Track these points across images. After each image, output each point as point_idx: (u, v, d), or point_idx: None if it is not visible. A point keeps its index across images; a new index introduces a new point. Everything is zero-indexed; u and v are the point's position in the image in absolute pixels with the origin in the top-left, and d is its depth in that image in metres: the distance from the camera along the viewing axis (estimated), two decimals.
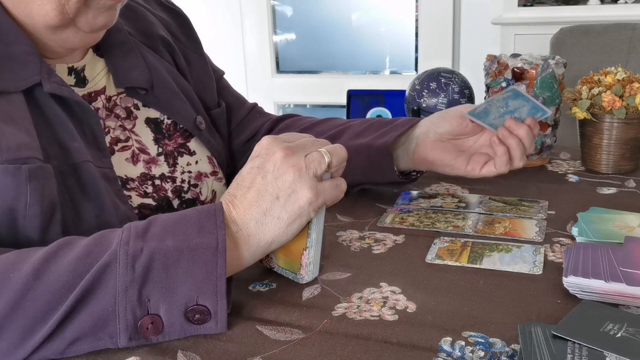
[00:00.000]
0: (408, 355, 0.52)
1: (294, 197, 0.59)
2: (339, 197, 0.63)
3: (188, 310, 0.54)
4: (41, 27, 0.65)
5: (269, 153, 0.60)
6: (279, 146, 0.59)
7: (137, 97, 0.77)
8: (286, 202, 0.59)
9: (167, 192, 0.75)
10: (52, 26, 0.65)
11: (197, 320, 0.55)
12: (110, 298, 0.52)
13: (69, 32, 0.67)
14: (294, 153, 0.59)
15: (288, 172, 0.58)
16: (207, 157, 0.83)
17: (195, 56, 0.89)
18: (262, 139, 0.61)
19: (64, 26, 0.66)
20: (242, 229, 0.59)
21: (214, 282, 0.55)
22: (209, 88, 0.90)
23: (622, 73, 1.00)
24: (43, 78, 0.64)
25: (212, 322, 0.55)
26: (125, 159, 0.74)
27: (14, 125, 0.60)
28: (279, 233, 0.59)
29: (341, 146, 0.63)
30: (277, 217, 0.59)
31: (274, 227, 0.59)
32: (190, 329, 0.55)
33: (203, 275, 0.54)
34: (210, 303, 0.55)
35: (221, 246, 0.55)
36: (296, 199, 0.59)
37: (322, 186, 0.60)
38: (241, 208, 0.59)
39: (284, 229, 0.59)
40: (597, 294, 0.59)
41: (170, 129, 0.79)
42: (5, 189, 0.58)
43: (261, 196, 0.59)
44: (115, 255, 0.53)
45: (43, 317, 0.52)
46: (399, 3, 3.03)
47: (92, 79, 0.74)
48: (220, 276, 0.55)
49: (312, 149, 0.60)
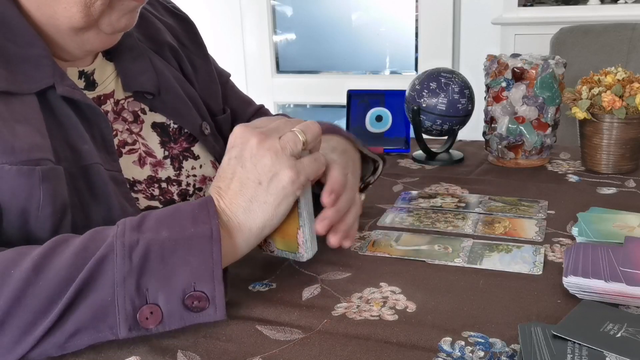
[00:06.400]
0: (408, 355, 0.52)
1: (276, 179, 0.59)
2: (320, 170, 0.63)
3: (186, 297, 0.55)
4: (65, 28, 0.65)
5: (244, 141, 0.61)
6: (252, 133, 0.61)
7: (144, 101, 0.77)
8: (269, 185, 0.60)
9: (173, 195, 0.76)
10: (76, 28, 0.65)
11: (195, 307, 0.55)
12: (109, 289, 0.53)
13: (90, 34, 0.67)
14: (268, 137, 0.60)
15: (265, 156, 0.59)
16: (211, 162, 0.83)
17: (200, 62, 0.90)
18: (234, 129, 0.62)
19: (87, 28, 0.66)
20: (232, 218, 0.60)
21: (210, 268, 0.55)
22: (214, 94, 0.90)
23: (622, 73, 1.00)
24: (56, 81, 0.65)
25: (211, 308, 0.55)
26: (133, 161, 0.74)
27: (27, 126, 0.61)
28: (269, 217, 0.60)
29: (314, 122, 0.64)
30: (264, 202, 0.60)
31: (262, 212, 0.60)
32: (190, 317, 0.55)
33: (199, 262, 0.55)
34: (207, 289, 0.55)
35: (215, 234, 0.56)
36: (278, 180, 0.59)
37: (301, 164, 0.61)
38: (227, 199, 0.60)
39: (272, 212, 0.60)
40: (597, 294, 0.59)
41: (176, 133, 0.80)
42: (19, 190, 0.58)
43: (244, 185, 0.60)
44: (111, 247, 0.54)
45: (43, 312, 0.52)
46: (399, 3, 3.02)
47: (101, 83, 0.75)
48: (217, 263, 0.56)
49: (285, 130, 0.61)
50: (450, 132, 1.12)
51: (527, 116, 1.05)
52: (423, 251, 0.73)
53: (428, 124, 1.09)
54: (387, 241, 0.76)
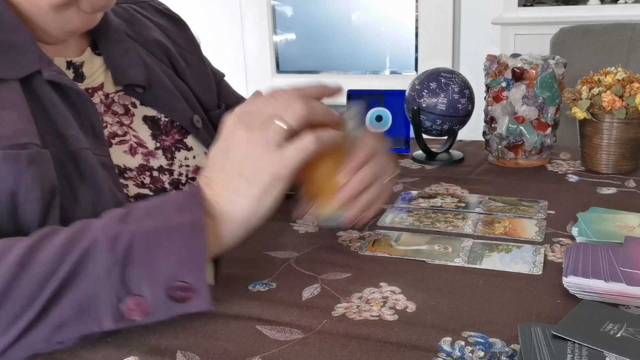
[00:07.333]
0: (408, 355, 0.52)
1: (258, 173, 0.60)
2: (304, 158, 0.62)
3: (170, 287, 0.55)
4: (45, 6, 0.66)
5: (230, 136, 0.62)
6: (239, 125, 0.61)
7: (135, 95, 0.78)
8: (252, 179, 0.60)
9: (164, 184, 0.76)
10: (57, 5, 0.66)
11: (180, 298, 0.55)
12: (93, 281, 0.53)
13: (71, 13, 0.68)
14: (253, 130, 0.61)
15: (249, 149, 0.60)
16: (205, 153, 0.83)
17: (194, 58, 0.90)
18: (226, 119, 0.63)
19: (67, 5, 0.67)
20: (217, 208, 0.60)
21: (194, 257, 0.56)
22: (208, 90, 0.91)
23: (622, 73, 1.00)
24: (43, 66, 0.65)
25: (197, 299, 0.55)
26: (124, 151, 0.74)
27: (12, 112, 0.61)
28: (253, 209, 0.61)
29: (302, 105, 0.62)
30: (247, 195, 0.60)
31: (247, 205, 0.60)
32: (176, 307, 0.55)
33: (183, 251, 0.55)
34: (191, 278, 0.55)
35: (200, 222, 0.56)
36: (260, 175, 0.60)
37: (283, 157, 0.60)
38: (215, 189, 0.61)
39: (256, 205, 0.61)
40: (597, 294, 0.59)
41: (167, 126, 0.80)
42: (6, 174, 0.58)
43: (228, 177, 0.61)
44: (95, 240, 0.54)
45: (27, 305, 0.52)
46: (399, 3, 3.03)
47: (89, 76, 0.75)
48: (200, 251, 0.56)
49: (274, 117, 0.61)
50: (450, 132, 1.12)
51: (527, 116, 1.05)
52: (423, 251, 0.73)
53: (428, 124, 1.09)
54: (387, 241, 0.76)
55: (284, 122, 0.61)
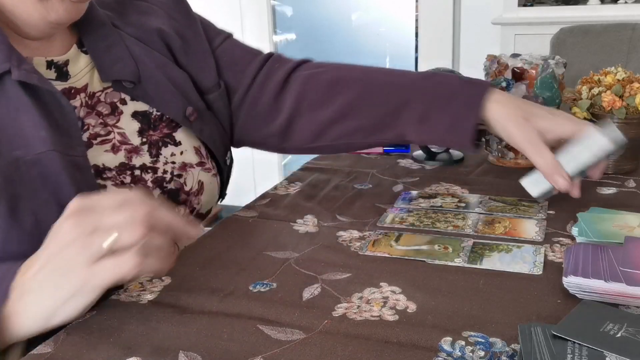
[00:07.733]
0: (408, 355, 0.53)
1: (67, 277, 0.55)
2: (114, 279, 0.56)
3: None
4: None
5: (60, 225, 0.56)
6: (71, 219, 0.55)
7: (125, 91, 0.76)
8: (58, 281, 0.55)
9: (146, 182, 0.75)
10: None
11: None
12: None
13: (54, 1, 0.67)
14: (80, 231, 0.55)
15: (67, 250, 0.55)
16: (194, 148, 0.82)
17: (191, 33, 0.88)
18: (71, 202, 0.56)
19: None
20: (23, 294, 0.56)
21: None
22: (207, 67, 0.88)
23: (622, 73, 1.00)
24: (12, 65, 0.63)
25: None
26: (105, 150, 0.73)
27: None
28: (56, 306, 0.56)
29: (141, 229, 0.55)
30: (52, 293, 0.56)
31: (51, 300, 0.56)
32: None
33: None
34: None
35: None
36: (69, 280, 0.55)
37: (92, 272, 0.55)
38: (27, 275, 0.56)
39: (60, 305, 0.56)
40: (597, 294, 0.60)
41: (157, 120, 0.79)
42: None
43: (40, 268, 0.56)
44: None
45: None
46: (399, 3, 3.03)
47: (74, 75, 0.74)
48: None
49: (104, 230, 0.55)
50: None
51: None
52: (423, 251, 0.73)
53: None
54: (387, 241, 0.76)
55: (113, 241, 0.54)
